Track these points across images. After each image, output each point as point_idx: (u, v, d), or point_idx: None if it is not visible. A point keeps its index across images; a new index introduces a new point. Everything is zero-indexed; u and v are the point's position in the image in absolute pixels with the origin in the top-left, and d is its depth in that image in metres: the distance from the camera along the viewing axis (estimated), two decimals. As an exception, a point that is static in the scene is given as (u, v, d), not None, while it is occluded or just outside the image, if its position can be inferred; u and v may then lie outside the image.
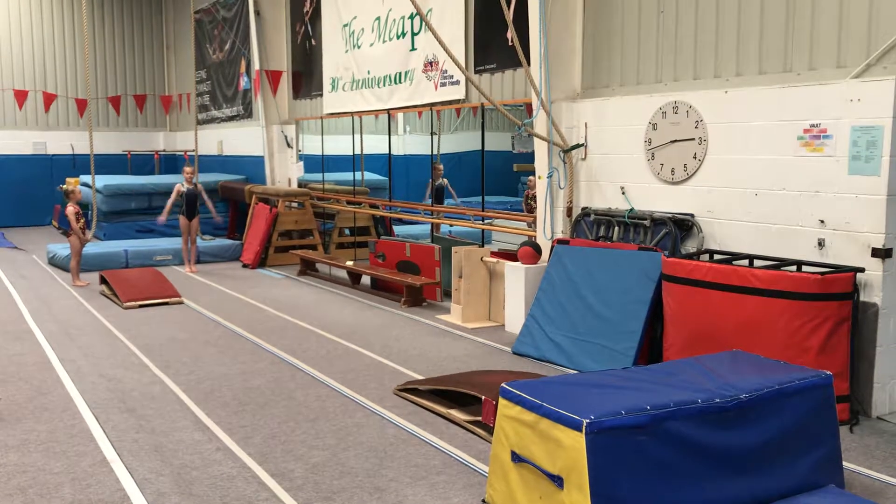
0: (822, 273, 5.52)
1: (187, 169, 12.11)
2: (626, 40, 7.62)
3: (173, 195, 12.18)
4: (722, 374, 4.30)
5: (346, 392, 6.27)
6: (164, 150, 20.68)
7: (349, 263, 11.28)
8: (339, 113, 12.87)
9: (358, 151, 12.65)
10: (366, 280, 11.09)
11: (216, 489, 4.51)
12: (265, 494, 4.44)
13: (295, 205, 13.45)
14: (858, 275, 5.56)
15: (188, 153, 18.14)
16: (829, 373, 4.41)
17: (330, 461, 4.89)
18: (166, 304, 9.84)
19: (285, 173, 14.75)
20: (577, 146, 7.92)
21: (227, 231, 15.28)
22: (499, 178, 10.32)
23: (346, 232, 13.37)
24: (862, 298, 5.60)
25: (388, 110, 11.52)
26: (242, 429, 5.47)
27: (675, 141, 7.03)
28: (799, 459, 4.12)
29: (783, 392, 4.12)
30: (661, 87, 7.29)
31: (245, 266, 12.97)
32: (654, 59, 7.36)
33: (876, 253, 5.55)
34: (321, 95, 13.39)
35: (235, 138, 16.61)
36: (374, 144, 12.51)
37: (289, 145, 14.63)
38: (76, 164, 18.98)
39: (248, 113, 15.90)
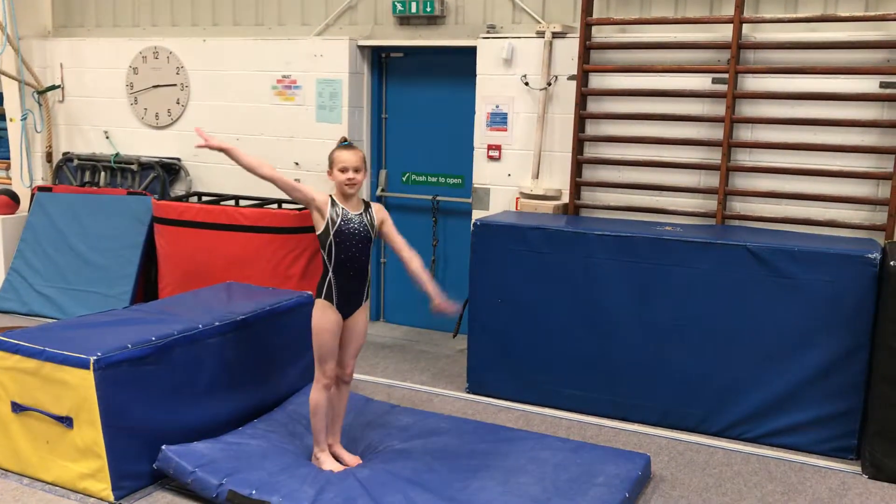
0: (300, 209, 6.26)
1: (349, 157, 3.83)
2: (99, -20, 7.42)
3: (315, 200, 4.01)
4: (219, 302, 4.72)
5: None
6: None
7: None
8: None
9: None
10: None
11: None
12: None
13: None
14: (328, 209, 6.42)
15: None
16: (310, 293, 5.11)
17: None
18: None
19: None
20: (53, 87, 7.51)
21: None
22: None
23: None
24: (332, 229, 6.48)
25: None
26: None
27: (158, 86, 7.14)
28: (289, 368, 4.76)
29: (274, 312, 4.69)
30: (139, 31, 7.29)
31: None
32: (131, 3, 7.31)
33: (341, 189, 6.47)
34: None
35: None
36: None
37: None
38: None
39: None
